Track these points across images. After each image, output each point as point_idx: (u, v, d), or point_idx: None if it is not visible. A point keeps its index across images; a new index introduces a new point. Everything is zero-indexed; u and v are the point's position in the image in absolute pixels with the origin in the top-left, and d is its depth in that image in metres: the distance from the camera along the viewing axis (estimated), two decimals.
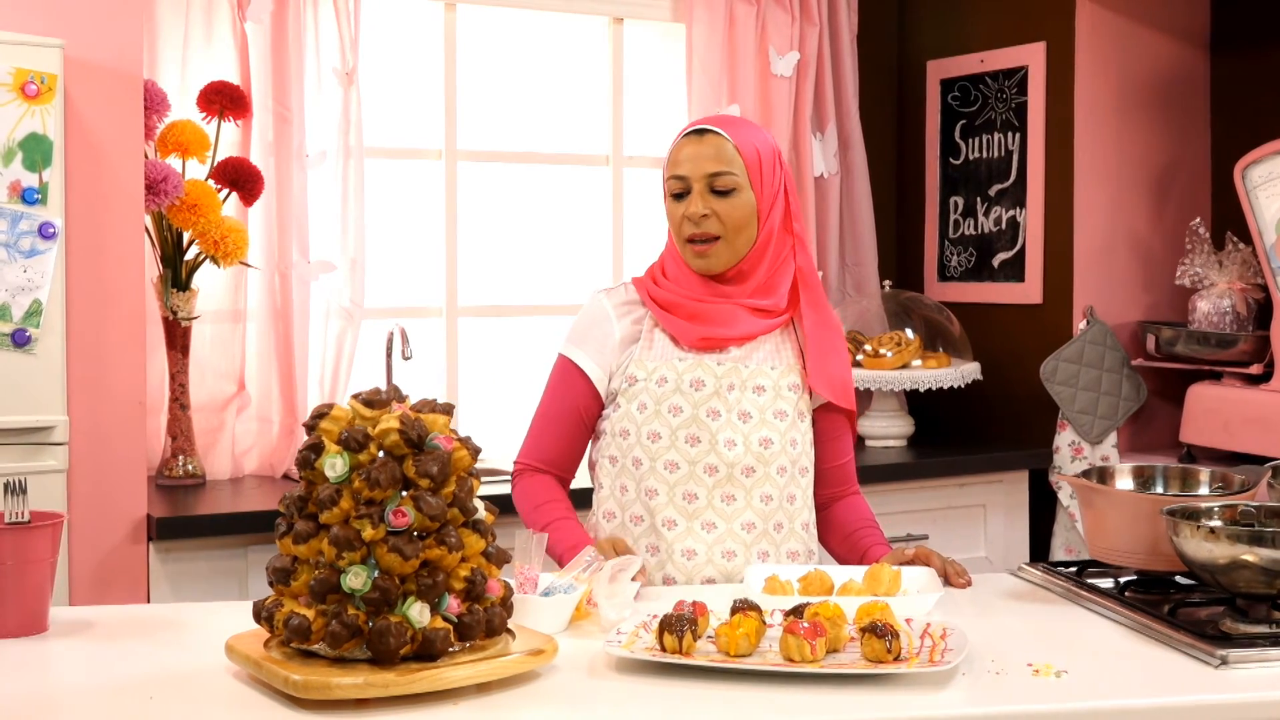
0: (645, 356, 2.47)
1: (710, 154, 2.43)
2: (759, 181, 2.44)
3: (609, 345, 2.49)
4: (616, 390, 2.48)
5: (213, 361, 3.69)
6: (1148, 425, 4.23)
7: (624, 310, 2.51)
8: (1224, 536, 2.07)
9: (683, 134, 2.47)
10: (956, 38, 4.49)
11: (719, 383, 2.44)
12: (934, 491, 4.00)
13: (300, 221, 3.72)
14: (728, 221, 2.43)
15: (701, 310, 2.46)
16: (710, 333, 2.45)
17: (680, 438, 2.42)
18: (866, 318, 4.33)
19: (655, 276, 2.52)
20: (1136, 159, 4.20)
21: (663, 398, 2.44)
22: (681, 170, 2.44)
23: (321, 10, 3.74)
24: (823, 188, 4.43)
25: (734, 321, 2.46)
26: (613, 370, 2.49)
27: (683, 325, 2.46)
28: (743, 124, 2.50)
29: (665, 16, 4.31)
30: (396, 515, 1.79)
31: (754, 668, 1.89)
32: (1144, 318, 4.20)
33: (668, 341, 2.47)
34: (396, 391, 1.91)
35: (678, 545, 2.43)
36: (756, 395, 2.45)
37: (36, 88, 2.80)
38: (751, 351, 2.47)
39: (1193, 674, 1.91)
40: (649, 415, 2.44)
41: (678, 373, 2.44)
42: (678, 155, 2.45)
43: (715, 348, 2.46)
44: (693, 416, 2.43)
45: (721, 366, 2.45)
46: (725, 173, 2.42)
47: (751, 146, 2.45)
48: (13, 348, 2.80)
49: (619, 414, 2.47)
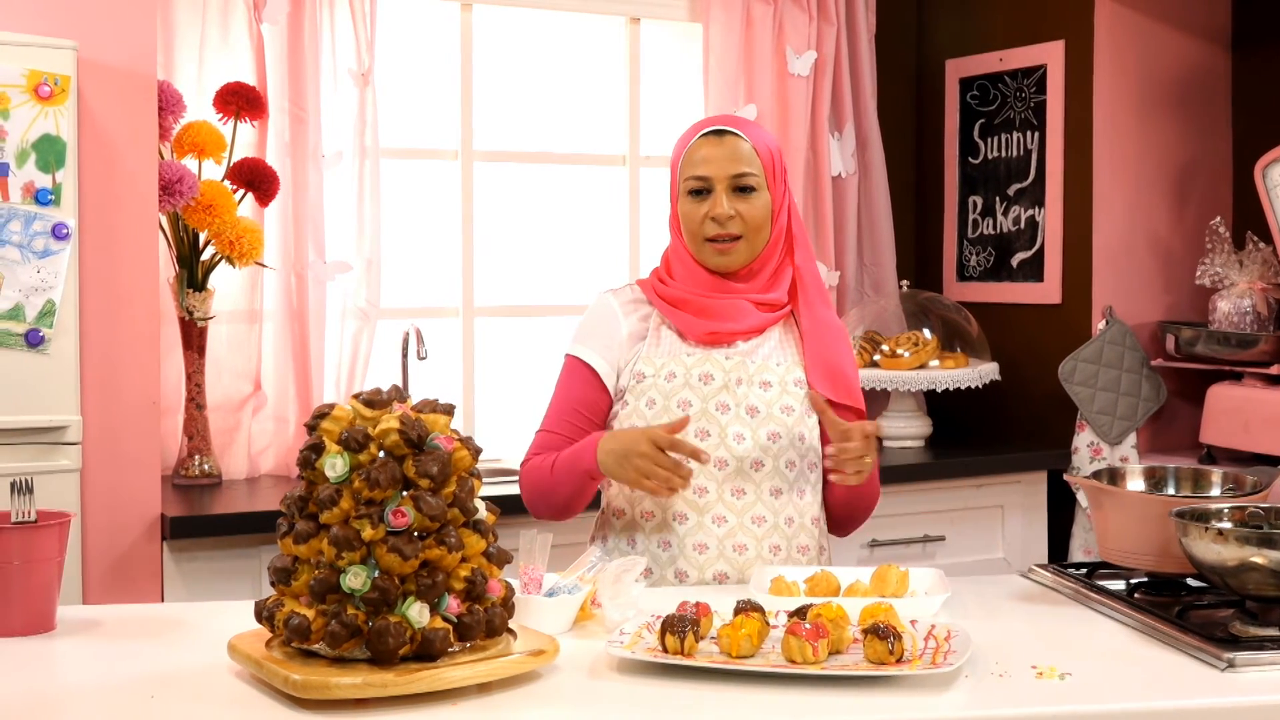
0: (653, 353, 2.48)
1: (732, 155, 2.45)
2: (773, 181, 2.48)
3: (616, 341, 2.50)
4: (625, 388, 2.49)
5: (229, 361, 3.70)
6: (1168, 426, 4.20)
7: (630, 308, 2.53)
8: (1232, 539, 2.05)
9: (698, 134, 2.48)
10: (975, 36, 4.47)
11: (727, 376, 2.45)
12: (952, 492, 3.98)
13: (316, 222, 3.73)
14: (749, 221, 2.45)
15: (708, 305, 2.47)
16: (718, 327, 2.46)
17: (690, 432, 2.42)
18: (884, 318, 4.32)
19: (661, 277, 2.54)
20: (1157, 158, 4.17)
21: (671, 393, 2.44)
22: (704, 170, 2.45)
23: (338, 11, 3.75)
24: (840, 187, 4.41)
25: (740, 315, 2.47)
26: (620, 367, 2.50)
27: (690, 320, 2.47)
28: (753, 124, 2.54)
29: (682, 16, 4.30)
30: (396, 515, 1.79)
31: (755, 669, 1.88)
32: (1164, 318, 4.17)
33: (675, 338, 2.49)
34: (398, 392, 1.91)
35: (689, 539, 2.43)
36: (763, 390, 2.46)
37: (50, 89, 2.81)
38: (757, 347, 2.49)
39: (1199, 677, 1.90)
40: (658, 411, 2.44)
41: (686, 367, 2.45)
42: (695, 155, 2.46)
43: (723, 342, 2.48)
44: (702, 410, 2.44)
45: (730, 361, 2.46)
46: (748, 173, 2.45)
47: (765, 147, 2.49)
48: (26, 348, 2.81)
49: (628, 411, 2.47)
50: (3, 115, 2.77)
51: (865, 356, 4.18)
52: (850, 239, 4.43)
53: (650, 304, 2.53)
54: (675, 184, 2.51)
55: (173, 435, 3.57)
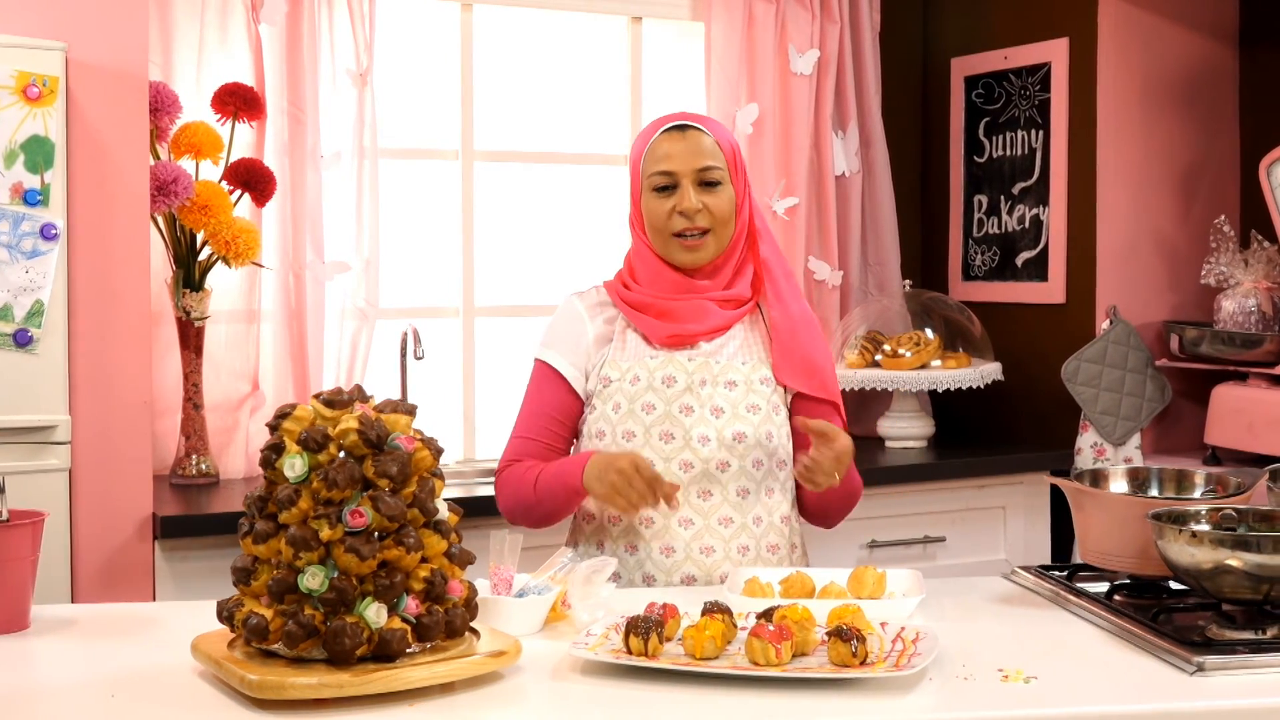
0: (619, 357, 2.48)
1: (696, 149, 2.45)
2: (735, 175, 2.49)
3: (583, 345, 2.50)
4: (593, 391, 2.48)
5: (228, 361, 3.71)
6: (1173, 427, 4.16)
7: (596, 310, 2.53)
8: (1207, 541, 2.03)
9: (660, 130, 2.48)
10: (980, 34, 4.44)
11: (690, 379, 2.45)
12: (953, 493, 3.95)
13: (315, 222, 3.73)
14: (716, 214, 2.46)
15: (670, 308, 2.47)
16: (679, 329, 2.46)
17: (654, 435, 2.42)
18: (888, 317, 4.29)
19: (625, 281, 2.54)
20: (1162, 156, 4.13)
21: (636, 396, 2.44)
22: (669, 165, 2.45)
23: (336, 12, 3.75)
24: (844, 186, 4.39)
25: (702, 316, 2.47)
26: (588, 370, 2.49)
27: (653, 324, 2.48)
28: (712, 120, 2.55)
29: (684, 15, 4.29)
30: (353, 516, 1.79)
31: (717, 671, 1.87)
32: (1169, 317, 4.13)
33: (640, 341, 2.49)
34: (360, 392, 1.91)
35: (655, 542, 2.43)
36: (729, 390, 2.45)
37: (38, 90, 2.82)
38: (721, 347, 2.48)
39: (1166, 681, 1.88)
40: (624, 415, 2.44)
41: (649, 370, 2.45)
42: (658, 151, 2.46)
43: (685, 344, 2.47)
44: (666, 413, 2.43)
45: (693, 363, 2.46)
46: (713, 166, 2.46)
47: (727, 141, 2.50)
48: (15, 348, 2.83)
49: (595, 416, 2.48)
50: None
51: (867, 356, 4.15)
52: (854, 238, 4.41)
53: (615, 307, 2.52)
54: (637, 182, 2.51)
55: (170, 435, 3.58)
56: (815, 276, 4.33)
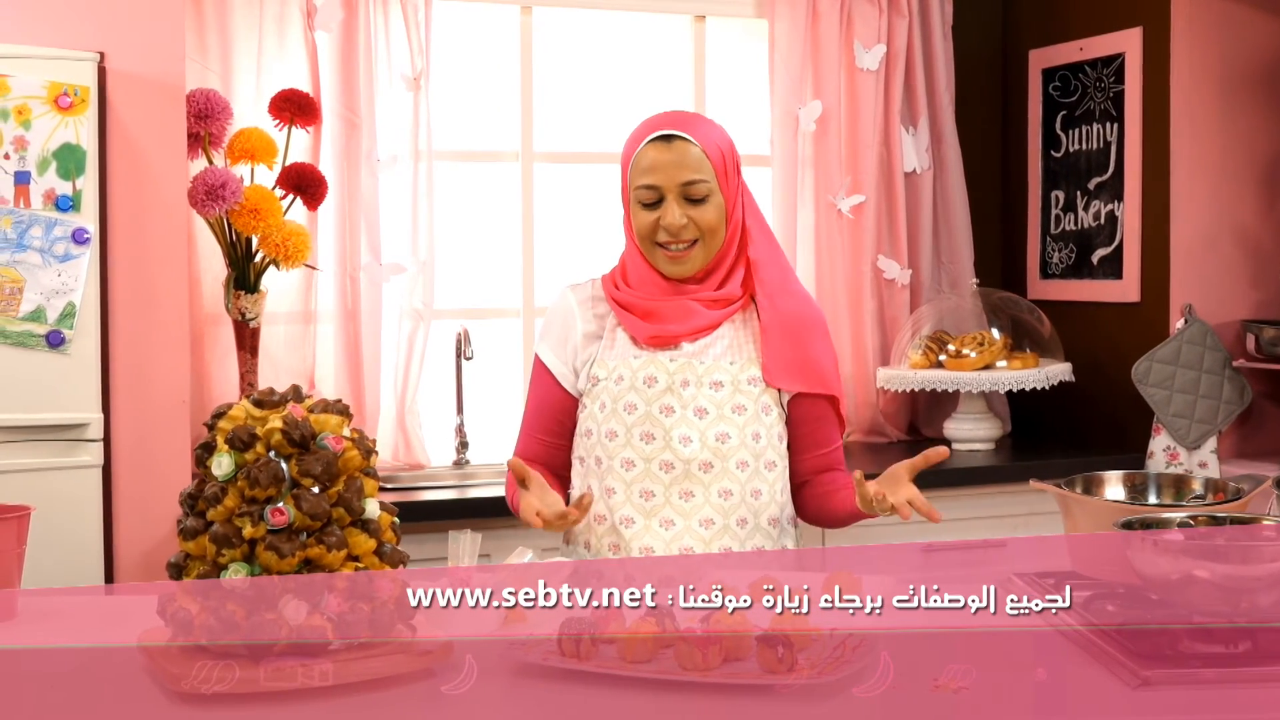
0: (606, 356, 2.47)
1: (680, 162, 2.39)
2: (725, 181, 2.41)
3: (571, 341, 2.49)
4: (583, 390, 2.48)
5: (286, 361, 3.79)
6: (1256, 430, 3.99)
7: (588, 305, 2.51)
8: (1174, 550, 1.94)
9: (645, 140, 2.42)
10: (1057, 25, 4.31)
11: (671, 379, 2.42)
12: (1016, 497, 3.84)
13: (371, 224, 3.80)
14: (703, 226, 2.41)
15: (654, 309, 2.44)
16: (660, 330, 2.43)
17: (635, 435, 2.40)
18: (959, 315, 4.20)
19: (616, 281, 2.51)
20: (1242, 147, 3.96)
21: (619, 396, 2.43)
22: (652, 179, 2.39)
23: (391, 18, 3.81)
24: (914, 183, 4.31)
25: (686, 317, 2.43)
26: (578, 367, 2.49)
27: (637, 323, 2.45)
28: (701, 122, 2.45)
29: (748, 13, 4.26)
30: (275, 514, 1.82)
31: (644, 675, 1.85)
32: (1251, 315, 3.96)
33: (627, 340, 2.47)
34: (295, 392, 1.93)
35: (635, 543, 2.41)
36: (714, 391, 2.42)
37: (70, 100, 2.92)
38: (706, 347, 2.44)
39: (1106, 695, 1.80)
40: (608, 414, 2.43)
41: (633, 370, 2.43)
42: (643, 162, 2.40)
43: (668, 344, 2.44)
44: (646, 414, 2.41)
45: (674, 363, 2.43)
46: (699, 180, 2.39)
47: (715, 147, 2.41)
48: (48, 348, 2.93)
49: (584, 414, 2.47)
50: (24, 125, 2.90)
51: (930, 357, 4.07)
52: (925, 236, 4.32)
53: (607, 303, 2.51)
54: (626, 188, 2.47)
55: None
56: (885, 275, 4.26)
